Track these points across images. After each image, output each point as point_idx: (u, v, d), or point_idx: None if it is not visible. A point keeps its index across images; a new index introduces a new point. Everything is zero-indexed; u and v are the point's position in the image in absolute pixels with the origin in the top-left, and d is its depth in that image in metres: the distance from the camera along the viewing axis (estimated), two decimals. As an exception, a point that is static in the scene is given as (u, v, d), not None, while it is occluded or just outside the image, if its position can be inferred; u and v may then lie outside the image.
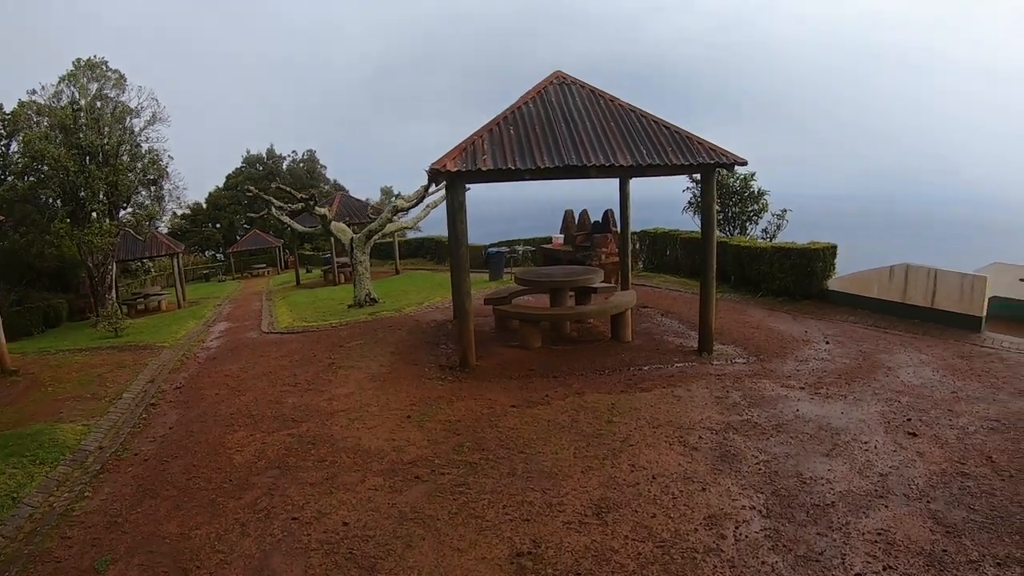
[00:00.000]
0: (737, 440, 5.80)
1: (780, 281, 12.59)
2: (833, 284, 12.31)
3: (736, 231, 19.83)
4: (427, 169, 7.18)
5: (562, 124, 8.03)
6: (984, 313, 10.24)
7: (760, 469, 5.20)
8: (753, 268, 13.15)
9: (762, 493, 4.77)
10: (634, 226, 22.75)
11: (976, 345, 9.54)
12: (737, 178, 19.02)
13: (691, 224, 19.48)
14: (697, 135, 8.15)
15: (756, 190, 19.55)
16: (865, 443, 5.84)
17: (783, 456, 5.51)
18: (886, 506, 4.56)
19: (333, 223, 15.62)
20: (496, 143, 7.57)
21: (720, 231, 18.36)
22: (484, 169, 7.08)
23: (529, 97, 8.57)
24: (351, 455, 5.61)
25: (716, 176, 8.52)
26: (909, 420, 6.39)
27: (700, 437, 5.82)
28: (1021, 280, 11.16)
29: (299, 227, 18.05)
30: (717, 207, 21.14)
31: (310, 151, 51.11)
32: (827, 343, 9.64)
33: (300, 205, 15.61)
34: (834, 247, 12.36)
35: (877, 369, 8.28)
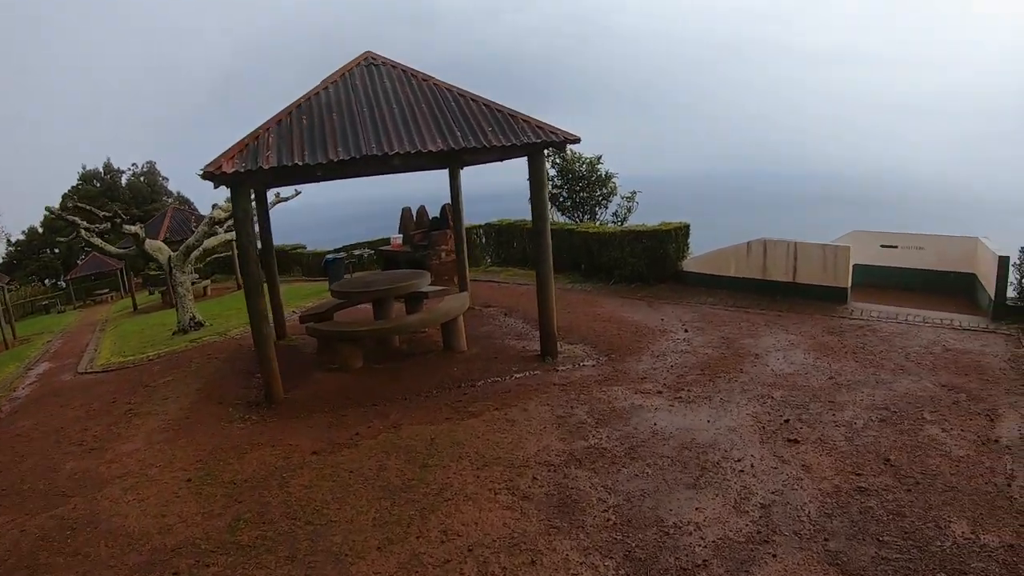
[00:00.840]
0: (581, 478, 5.43)
1: (633, 266, 13.46)
2: (689, 265, 13.10)
3: (586, 217, 20.49)
4: (199, 172, 7.03)
5: (365, 110, 8.13)
6: (849, 284, 11.59)
7: (609, 520, 4.76)
8: (604, 255, 13.97)
9: (612, 558, 4.29)
10: (482, 218, 21.79)
11: (845, 318, 10.34)
12: (583, 162, 20.35)
13: None
14: (525, 114, 8.38)
15: (604, 173, 20.50)
16: (739, 461, 5.58)
17: (638, 495, 5.10)
18: (774, 555, 4.17)
19: (148, 242, 15.95)
20: (284, 136, 7.55)
21: (568, 217, 19.70)
22: (267, 168, 7.05)
23: (331, 81, 8.67)
24: (111, 543, 5.21)
25: (549, 156, 8.48)
26: (787, 422, 6.34)
27: (535, 479, 5.46)
28: (883, 247, 13.30)
29: (112, 249, 18.01)
30: (564, 193, 21.47)
31: (150, 163, 55.77)
32: (686, 331, 10.01)
33: (107, 224, 15.84)
34: (686, 226, 13.23)
35: (744, 358, 8.51)
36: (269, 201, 14.84)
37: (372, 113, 8.05)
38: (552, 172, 19.61)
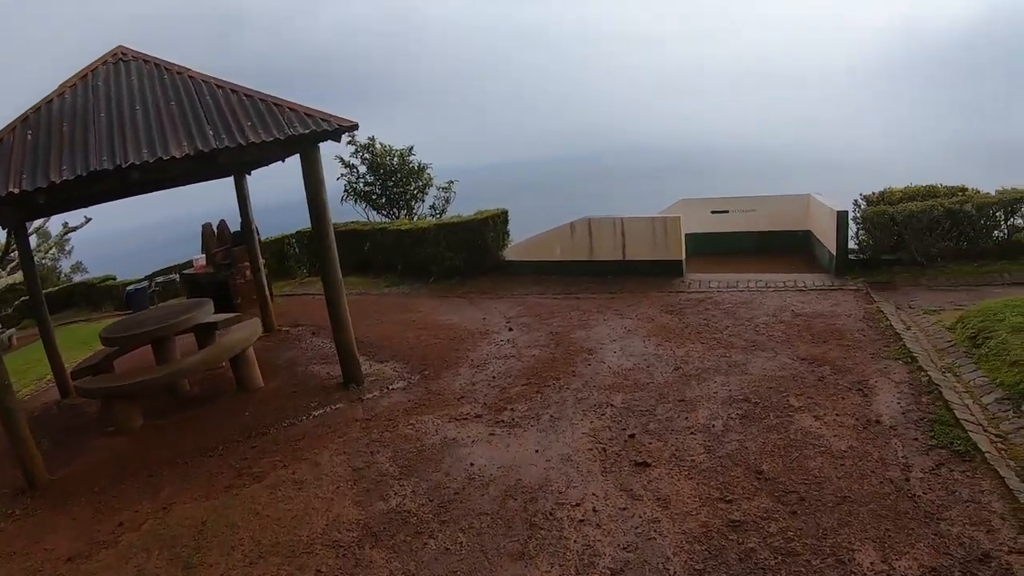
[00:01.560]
0: (376, 563, 4.85)
1: (451, 261, 13.98)
2: (510, 254, 13.75)
3: (403, 212, 21.09)
4: None
5: (103, 115, 8.00)
6: (683, 255, 11.85)
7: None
8: (419, 252, 14.56)
9: None
10: (301, 224, 20.63)
11: (683, 292, 10.80)
12: (394, 154, 20.81)
13: (355, 214, 20.63)
14: (293, 102, 8.34)
15: (417, 165, 21.01)
16: (577, 506, 5.04)
17: (447, 579, 4.37)
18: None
19: None
20: (3, 159, 7.34)
21: (382, 215, 20.93)
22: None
23: (69, 85, 8.49)
24: None
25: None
26: (633, 437, 5.99)
27: (318, 572, 4.88)
28: (713, 212, 13.94)
29: None
30: (376, 190, 21.55)
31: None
32: (510, 330, 10.00)
33: None
34: (503, 213, 13.85)
35: (576, 356, 8.38)
36: (56, 233, 14.44)
37: (111, 119, 7.90)
38: (362, 169, 20.73)
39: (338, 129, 8.21)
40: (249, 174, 12.02)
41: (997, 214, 10.30)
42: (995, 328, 7.35)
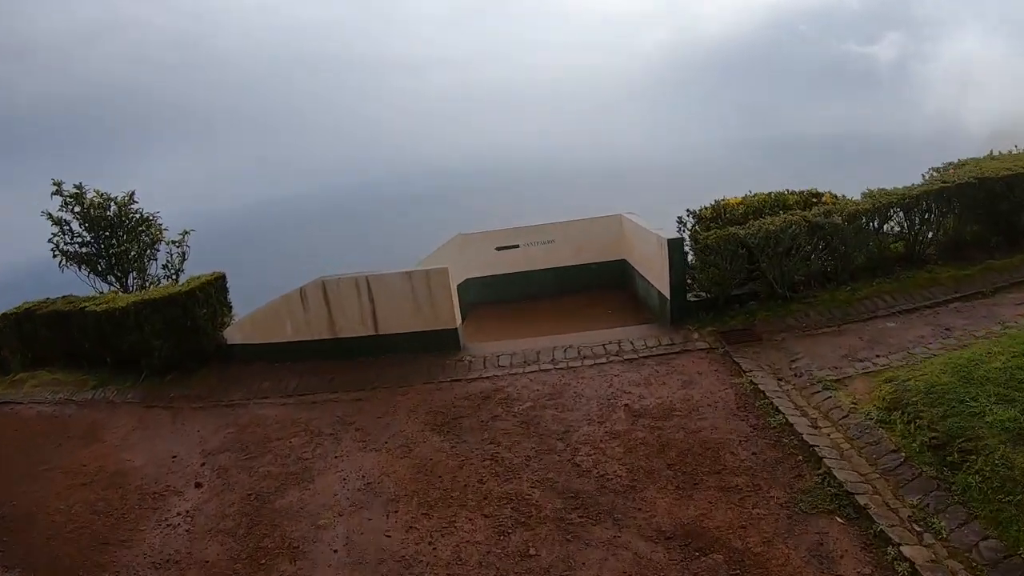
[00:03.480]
0: None
1: (160, 350, 10.37)
2: (234, 334, 10.01)
3: (132, 275, 15.76)
4: None
5: None
6: (458, 320, 8.19)
7: None
8: (123, 339, 10.81)
9: None
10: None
11: (459, 382, 7.28)
12: (110, 202, 16.09)
13: (79, 284, 15.55)
14: None
15: (140, 215, 16.00)
16: None
17: None
18: None
19: None
20: None
21: (104, 281, 16.14)
22: None
23: None
24: None
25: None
26: None
27: None
28: (499, 249, 10.44)
29: None
30: (91, 248, 16.42)
31: None
32: (198, 485, 6.53)
33: None
34: (219, 278, 10.35)
35: (279, 559, 4.95)
36: None
37: None
38: (75, 225, 15.96)
39: None
40: None
41: (870, 224, 7.57)
42: (969, 428, 4.18)
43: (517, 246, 10.08)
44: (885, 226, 7.94)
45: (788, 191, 8.82)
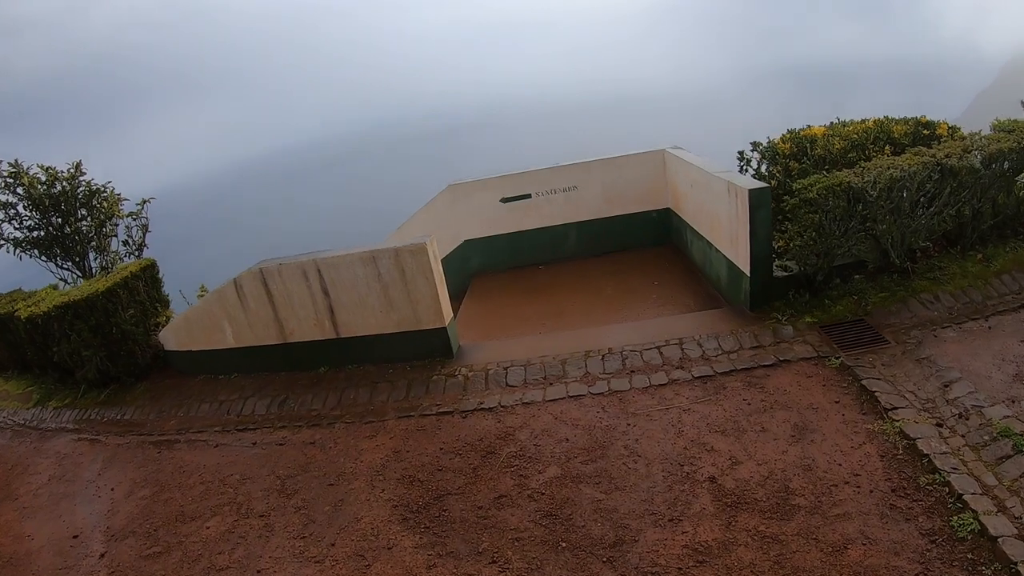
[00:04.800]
0: None
1: (93, 363, 8.59)
2: (170, 339, 7.95)
3: (95, 259, 14.09)
4: None
5: None
6: (448, 317, 5.91)
7: None
8: (54, 350, 9.03)
9: None
10: None
11: (450, 415, 5.06)
12: (59, 179, 13.82)
13: (38, 271, 13.46)
14: None
15: (88, 188, 14.13)
16: None
17: None
18: None
19: None
20: None
21: (62, 268, 14.08)
22: None
23: None
24: None
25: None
26: None
27: None
28: (505, 200, 8.03)
29: None
30: (43, 232, 14.79)
31: None
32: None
33: None
34: (148, 267, 8.45)
35: None
36: None
37: None
38: (21, 207, 13.86)
39: None
40: None
41: (1008, 168, 5.27)
42: None
43: (528, 196, 7.76)
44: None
45: (889, 118, 6.35)
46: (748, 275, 5.24)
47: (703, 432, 4.04)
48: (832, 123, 6.69)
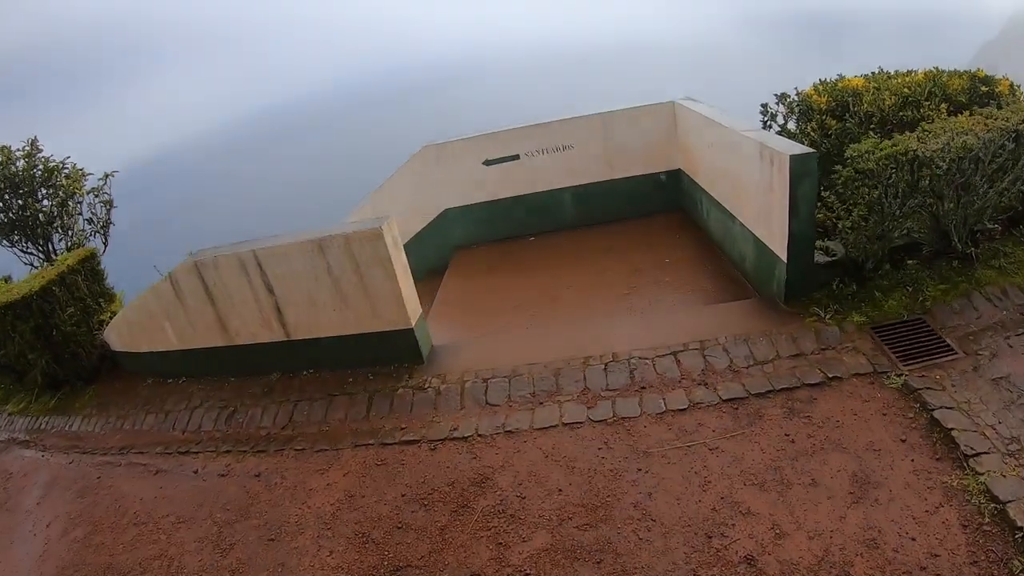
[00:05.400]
0: None
1: (39, 365, 7.75)
2: (116, 337, 7.01)
3: (60, 241, 13.69)
4: None
5: None
6: (414, 315, 4.85)
7: None
8: (1, 352, 8.10)
9: None
10: None
11: (421, 444, 4.10)
12: (8, 158, 12.59)
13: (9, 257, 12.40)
14: None
15: (45, 165, 13.32)
16: None
17: None
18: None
19: None
20: None
21: (26, 252, 13.05)
22: None
23: None
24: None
25: None
26: None
27: None
28: (488, 163, 6.95)
29: None
30: (4, 217, 14.01)
31: None
32: None
33: None
34: (87, 258, 7.50)
35: None
36: None
37: None
38: None
39: None
40: None
41: None
42: None
43: (517, 157, 6.68)
44: None
45: (939, 70, 5.25)
46: (784, 261, 4.25)
47: (736, 484, 3.14)
48: (874, 73, 5.58)
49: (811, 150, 3.91)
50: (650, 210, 6.67)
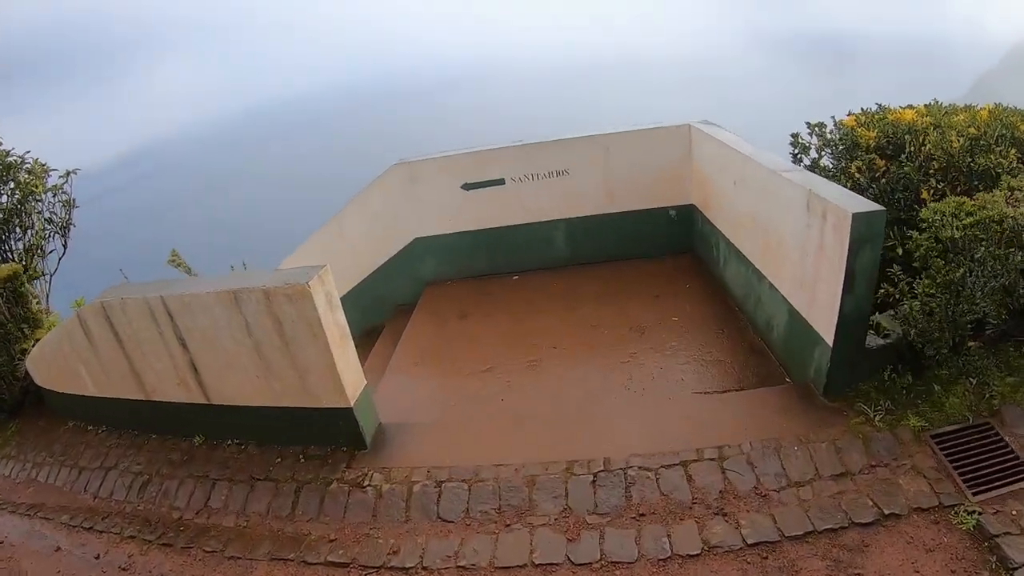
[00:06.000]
0: None
1: None
2: (35, 373, 6.08)
3: (17, 241, 13.22)
4: None
5: None
6: (355, 391, 3.81)
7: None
8: None
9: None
10: None
11: (354, 573, 3.17)
12: None
13: None
14: None
15: (4, 158, 12.89)
16: None
17: None
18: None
19: None
20: None
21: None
22: None
23: None
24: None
25: None
26: None
27: None
28: (467, 187, 6.00)
29: None
30: None
31: None
32: None
33: None
34: (11, 275, 6.50)
35: None
36: None
37: None
38: None
39: None
40: None
41: None
42: None
43: (502, 181, 5.72)
44: None
45: (1002, 107, 4.36)
46: (829, 344, 3.31)
47: None
48: (928, 105, 4.64)
49: (879, 207, 2.96)
50: (656, 251, 5.72)
